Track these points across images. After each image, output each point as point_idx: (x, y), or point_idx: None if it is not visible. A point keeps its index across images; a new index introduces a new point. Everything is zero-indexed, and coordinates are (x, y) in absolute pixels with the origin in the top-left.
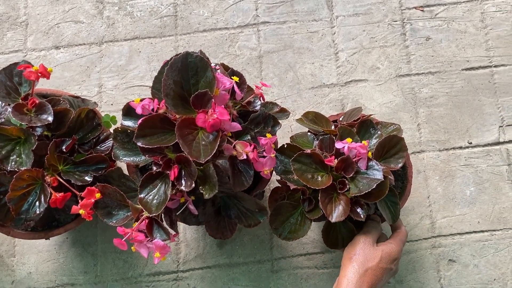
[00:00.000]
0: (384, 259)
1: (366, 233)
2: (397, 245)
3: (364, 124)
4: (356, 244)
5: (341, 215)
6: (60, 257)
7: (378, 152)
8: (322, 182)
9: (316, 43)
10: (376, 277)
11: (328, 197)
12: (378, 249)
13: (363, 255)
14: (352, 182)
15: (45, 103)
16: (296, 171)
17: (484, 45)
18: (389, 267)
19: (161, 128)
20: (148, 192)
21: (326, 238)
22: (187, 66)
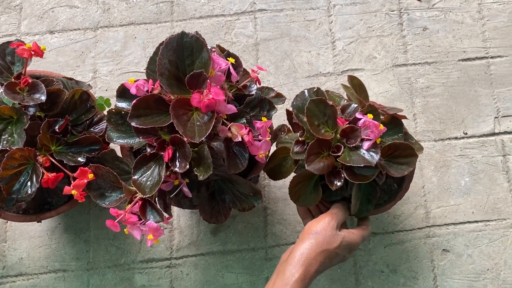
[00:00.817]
0: (342, 246)
1: (332, 214)
2: (359, 238)
3: (395, 121)
4: (320, 222)
5: (318, 169)
6: (52, 243)
7: (387, 149)
8: (323, 134)
9: (313, 31)
10: (328, 259)
11: (318, 150)
12: (340, 234)
13: (323, 235)
14: (346, 152)
15: (38, 83)
16: (309, 110)
17: (481, 36)
18: (343, 254)
19: (155, 109)
20: (142, 173)
21: (292, 188)
22: (183, 46)
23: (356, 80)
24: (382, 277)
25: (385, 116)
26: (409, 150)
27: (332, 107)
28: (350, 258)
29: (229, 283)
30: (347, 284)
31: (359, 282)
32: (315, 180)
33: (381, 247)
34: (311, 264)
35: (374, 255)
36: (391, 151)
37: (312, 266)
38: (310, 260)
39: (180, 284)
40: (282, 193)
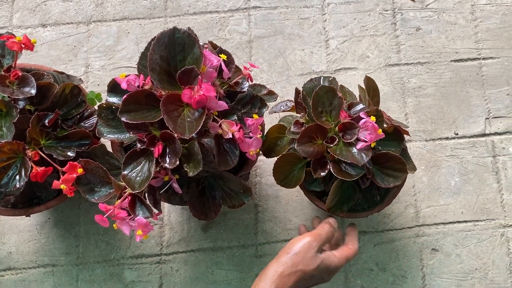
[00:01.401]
0: (320, 269)
1: (315, 235)
2: (340, 261)
3: (397, 133)
4: (301, 242)
5: (307, 152)
6: (41, 238)
7: (380, 156)
8: (323, 122)
9: (307, 29)
10: (304, 280)
11: (313, 135)
12: (319, 257)
13: (301, 256)
14: (339, 146)
15: (28, 76)
16: (317, 95)
17: (474, 37)
18: (321, 277)
19: (146, 105)
20: (131, 169)
21: (278, 166)
22: (174, 41)
23: (372, 83)
24: (371, 276)
25: (389, 125)
26: (401, 164)
27: (340, 99)
28: None
29: (219, 280)
30: (337, 282)
31: (349, 280)
32: (302, 165)
33: (371, 245)
34: (284, 283)
35: (364, 254)
36: (383, 160)
37: (285, 285)
38: (283, 278)
39: (169, 280)
40: (273, 191)
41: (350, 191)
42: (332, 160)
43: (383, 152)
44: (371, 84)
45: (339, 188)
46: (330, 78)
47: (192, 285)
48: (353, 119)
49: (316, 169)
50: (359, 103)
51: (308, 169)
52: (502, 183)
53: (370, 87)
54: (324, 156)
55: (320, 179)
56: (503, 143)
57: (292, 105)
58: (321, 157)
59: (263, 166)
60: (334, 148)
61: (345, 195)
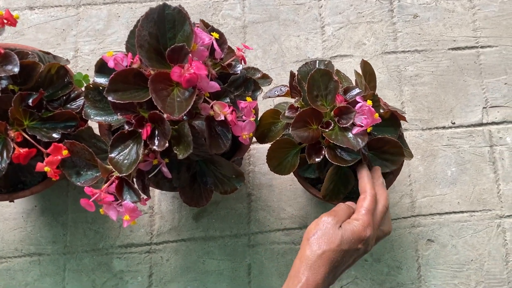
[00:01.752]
0: (346, 241)
1: (331, 213)
2: (363, 221)
3: (394, 119)
4: (318, 224)
5: (301, 137)
6: (27, 226)
7: (376, 141)
8: (318, 106)
9: (303, 15)
10: (335, 259)
11: (308, 120)
12: (340, 230)
13: (321, 236)
14: (335, 131)
15: (11, 54)
16: (312, 78)
17: (471, 25)
18: (353, 248)
19: (134, 84)
20: (119, 152)
21: (272, 151)
22: (164, 18)
23: (369, 67)
24: (365, 266)
25: (385, 111)
26: (398, 148)
27: (335, 83)
28: None
29: (210, 270)
30: None
31: None
32: (297, 151)
33: None
34: (314, 272)
35: None
36: (380, 144)
37: (317, 274)
38: (313, 266)
39: (159, 270)
40: (266, 179)
41: (346, 177)
42: (327, 146)
43: (379, 137)
44: (367, 69)
45: (334, 174)
46: (326, 61)
47: (183, 275)
48: (349, 103)
49: (311, 155)
50: (355, 87)
51: (303, 155)
52: (499, 173)
53: (367, 72)
54: (319, 141)
55: (314, 166)
56: (500, 133)
57: (287, 90)
58: (316, 142)
59: (256, 155)
60: (329, 133)
61: (340, 182)
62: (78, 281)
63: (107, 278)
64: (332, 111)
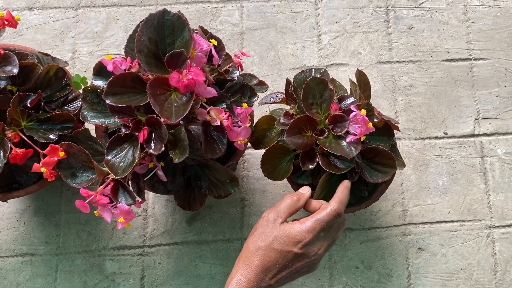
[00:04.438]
0: (278, 240)
1: (272, 208)
2: (304, 225)
3: (387, 128)
4: (259, 220)
5: (296, 144)
6: (20, 226)
7: (369, 151)
8: (313, 114)
9: (300, 23)
10: (267, 257)
11: (302, 127)
12: (277, 227)
13: (259, 233)
14: (328, 139)
15: (11, 54)
16: (307, 86)
17: (465, 38)
18: (287, 250)
19: (132, 88)
20: (115, 154)
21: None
22: (164, 24)
23: (364, 77)
24: (356, 273)
25: (379, 120)
26: (390, 160)
27: (331, 91)
28: None
29: (202, 274)
30: (322, 279)
31: (334, 277)
32: (291, 158)
33: (357, 243)
34: (247, 268)
35: (349, 251)
36: (372, 154)
37: (249, 269)
38: (244, 262)
39: (151, 272)
40: (260, 185)
41: (338, 185)
42: (321, 153)
43: (372, 147)
44: (362, 78)
45: (327, 182)
46: (322, 70)
47: (175, 278)
48: (343, 112)
49: (305, 162)
50: (350, 96)
51: (297, 162)
52: (489, 184)
53: (362, 81)
54: (313, 148)
55: (308, 172)
56: (492, 144)
57: (282, 96)
58: (310, 149)
59: (251, 160)
60: (323, 140)
61: (333, 189)
62: (70, 282)
63: (99, 280)
64: (327, 119)
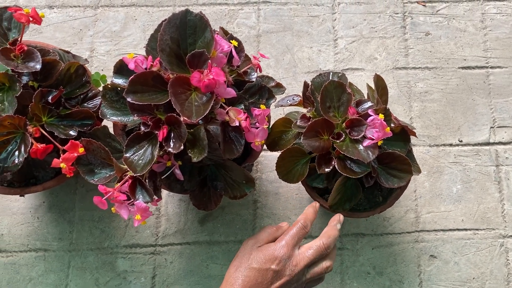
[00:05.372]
0: (256, 259)
1: (252, 237)
2: (278, 243)
3: (404, 134)
4: (241, 247)
5: (312, 147)
6: (35, 221)
7: (385, 156)
8: (330, 117)
9: (316, 27)
10: (248, 278)
11: (319, 130)
12: (255, 249)
13: (239, 257)
14: (345, 142)
15: (34, 51)
16: (326, 89)
17: (482, 46)
18: (265, 267)
19: (153, 87)
20: (134, 152)
21: (282, 159)
22: (186, 24)
23: (382, 82)
24: (368, 279)
25: (396, 125)
26: (406, 165)
27: (349, 95)
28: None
29: (213, 274)
30: (333, 284)
31: (345, 282)
32: (306, 160)
33: (369, 248)
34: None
35: (361, 256)
36: (388, 159)
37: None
38: (227, 282)
39: (163, 272)
40: (273, 187)
41: (353, 189)
42: (337, 157)
43: (389, 152)
44: (380, 83)
45: (342, 185)
46: (340, 74)
47: (186, 278)
48: (361, 116)
49: (321, 165)
50: (368, 100)
51: (312, 165)
52: (504, 193)
53: (379, 86)
54: (330, 152)
55: (323, 176)
56: (507, 153)
57: (299, 99)
58: (327, 152)
59: (264, 162)
60: (340, 144)
61: (348, 193)
62: (82, 278)
63: (110, 277)
64: (344, 122)
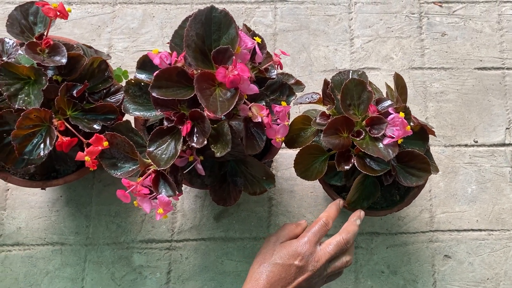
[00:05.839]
0: (280, 255)
1: (274, 233)
2: (301, 239)
3: (423, 133)
4: (263, 243)
5: (332, 144)
6: (52, 215)
7: (404, 155)
8: (350, 114)
9: (333, 26)
10: (272, 273)
11: (339, 128)
12: (278, 245)
13: (262, 253)
14: (365, 140)
15: (60, 45)
16: (346, 87)
17: (499, 47)
18: (288, 263)
19: (177, 82)
20: (157, 146)
21: (300, 156)
22: (211, 20)
23: (401, 80)
24: (382, 278)
25: (415, 124)
26: (425, 164)
27: (369, 93)
28: None
29: (228, 271)
30: (347, 282)
31: (359, 280)
32: (325, 158)
33: (383, 247)
34: (255, 284)
35: (375, 255)
36: (407, 158)
37: (257, 286)
38: (251, 278)
39: (178, 267)
40: (288, 185)
41: (372, 187)
42: (357, 154)
43: (409, 150)
44: (400, 82)
45: (361, 183)
46: (360, 72)
47: (201, 274)
48: (381, 114)
49: (340, 162)
50: (387, 99)
51: (330, 163)
52: None
53: (399, 85)
54: (349, 149)
55: (341, 174)
56: None
57: (318, 97)
58: (346, 150)
59: (279, 160)
60: (360, 142)
61: (366, 191)
62: (98, 272)
63: (126, 272)
64: (364, 120)
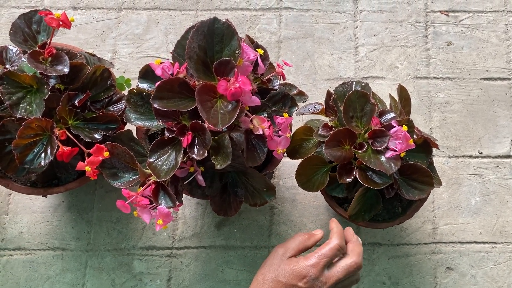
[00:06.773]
0: (284, 274)
1: (282, 244)
2: (308, 261)
3: (426, 146)
4: (270, 254)
5: (334, 156)
6: (53, 220)
7: (407, 168)
8: (353, 127)
9: (337, 35)
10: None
11: (341, 140)
12: (284, 261)
13: (267, 265)
14: (367, 153)
15: (62, 54)
16: (349, 99)
17: (505, 57)
18: (292, 283)
19: (178, 93)
20: (157, 157)
21: (302, 167)
22: (213, 31)
23: (405, 92)
24: None
25: (419, 137)
26: (428, 177)
27: (372, 105)
28: None
29: (228, 279)
30: None
31: None
32: (326, 170)
33: (385, 258)
34: None
35: (377, 266)
36: (410, 171)
37: None
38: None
39: (178, 275)
40: (290, 194)
41: (373, 200)
42: (359, 167)
43: (411, 163)
44: (404, 94)
45: (362, 196)
46: (363, 83)
47: (201, 282)
48: (384, 126)
49: (342, 175)
50: (391, 111)
51: (332, 174)
52: None
53: (403, 97)
54: (351, 162)
55: (343, 186)
56: None
57: (321, 108)
58: (348, 162)
59: (282, 168)
60: (362, 154)
61: (368, 204)
62: (98, 279)
63: (126, 278)
64: (367, 133)
